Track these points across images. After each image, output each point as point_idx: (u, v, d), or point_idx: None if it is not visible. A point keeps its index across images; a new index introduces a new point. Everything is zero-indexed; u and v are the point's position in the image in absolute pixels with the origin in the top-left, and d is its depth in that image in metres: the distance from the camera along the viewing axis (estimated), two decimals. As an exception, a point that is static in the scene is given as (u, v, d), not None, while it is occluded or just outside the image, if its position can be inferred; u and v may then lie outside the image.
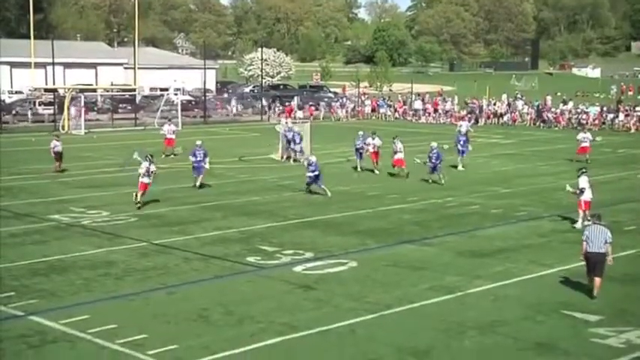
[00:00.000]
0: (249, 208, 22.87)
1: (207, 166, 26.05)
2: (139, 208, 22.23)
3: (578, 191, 20.12)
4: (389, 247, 18.13)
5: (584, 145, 33.66)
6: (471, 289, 14.63)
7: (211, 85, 74.20)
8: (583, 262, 14.23)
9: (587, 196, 20.14)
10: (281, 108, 58.13)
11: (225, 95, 70.50)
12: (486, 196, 25.01)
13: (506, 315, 13.15)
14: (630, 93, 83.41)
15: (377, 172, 29.22)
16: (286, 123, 35.80)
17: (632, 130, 47.37)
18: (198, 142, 26.91)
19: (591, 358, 11.33)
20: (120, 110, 55.47)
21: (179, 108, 50.79)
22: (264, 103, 60.55)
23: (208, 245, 18.13)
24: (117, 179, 28.31)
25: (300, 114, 53.88)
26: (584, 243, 14.08)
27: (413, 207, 23.28)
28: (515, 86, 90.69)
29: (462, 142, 31.40)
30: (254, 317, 12.88)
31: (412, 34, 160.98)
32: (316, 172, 24.48)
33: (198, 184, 25.98)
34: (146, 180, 22.51)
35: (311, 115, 58.51)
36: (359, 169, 30.34)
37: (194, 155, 26.23)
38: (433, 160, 26.95)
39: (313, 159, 25.09)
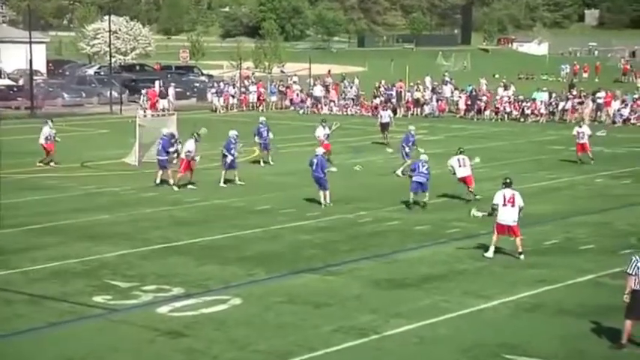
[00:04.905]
0: (96, 229, 22.53)
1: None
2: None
3: (489, 212, 19.79)
4: (283, 278, 18.20)
5: (580, 141, 34.09)
6: (389, 330, 14.84)
7: (40, 65, 72.68)
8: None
9: (510, 217, 19.35)
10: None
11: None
12: (409, 210, 25.44)
13: (435, 362, 13.42)
14: (585, 75, 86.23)
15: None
16: (145, 115, 35.42)
17: (587, 122, 47.88)
18: (165, 131, 29.62)
19: (542, 414, 11.69)
20: None
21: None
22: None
23: (39, 282, 17.78)
24: None
25: (164, 103, 53.54)
26: (633, 278, 13.77)
27: (314, 224, 23.44)
28: (442, 66, 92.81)
29: (410, 144, 31.70)
30: (104, 377, 12.71)
31: (309, 0, 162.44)
32: None
33: (173, 182, 28.19)
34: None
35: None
36: (222, 182, 29.25)
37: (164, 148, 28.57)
38: (314, 169, 25.74)
39: None
